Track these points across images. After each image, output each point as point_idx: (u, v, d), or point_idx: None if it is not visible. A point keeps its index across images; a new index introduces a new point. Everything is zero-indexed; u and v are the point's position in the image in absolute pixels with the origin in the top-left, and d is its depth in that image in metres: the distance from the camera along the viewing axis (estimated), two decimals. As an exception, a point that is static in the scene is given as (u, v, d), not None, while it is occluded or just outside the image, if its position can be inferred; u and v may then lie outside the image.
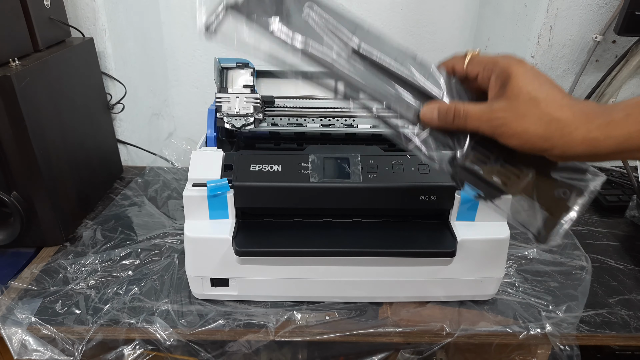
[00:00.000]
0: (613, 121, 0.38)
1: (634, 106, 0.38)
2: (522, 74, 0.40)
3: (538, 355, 0.61)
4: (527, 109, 0.39)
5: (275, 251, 0.58)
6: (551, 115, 0.38)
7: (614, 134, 0.38)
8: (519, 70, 0.40)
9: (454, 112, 0.42)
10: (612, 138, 0.38)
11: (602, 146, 0.38)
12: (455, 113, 0.42)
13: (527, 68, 0.41)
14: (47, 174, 0.70)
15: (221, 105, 0.66)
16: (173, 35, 1.20)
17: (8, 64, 0.65)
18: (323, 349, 0.76)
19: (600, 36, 0.89)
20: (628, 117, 0.37)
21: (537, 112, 0.39)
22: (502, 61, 0.42)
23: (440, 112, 0.43)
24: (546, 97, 0.39)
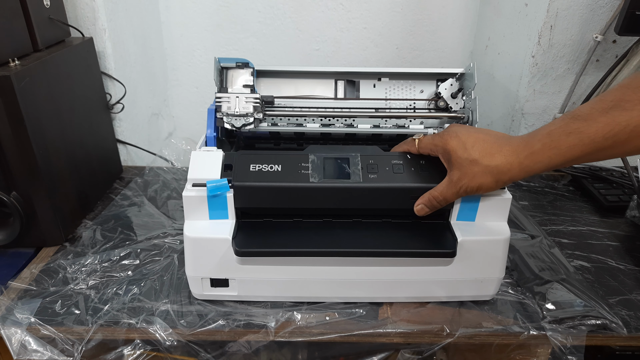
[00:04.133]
0: (534, 152, 0.49)
1: (545, 135, 0.49)
2: (455, 146, 0.53)
3: (538, 355, 0.61)
4: (473, 171, 0.52)
5: (275, 251, 0.58)
6: (490, 166, 0.51)
7: (539, 160, 0.49)
8: (453, 145, 0.53)
9: (435, 200, 0.55)
10: (539, 163, 0.49)
11: (535, 169, 0.50)
12: (436, 199, 0.55)
13: (459, 139, 0.53)
14: (47, 174, 0.69)
15: (221, 105, 0.66)
16: (173, 35, 1.20)
17: (8, 63, 0.65)
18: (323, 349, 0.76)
19: (600, 36, 0.89)
20: (544, 147, 0.49)
21: (480, 169, 0.51)
22: (440, 142, 0.55)
23: (427, 204, 0.56)
24: (480, 155, 0.51)
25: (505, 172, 0.50)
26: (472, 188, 0.52)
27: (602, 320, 0.59)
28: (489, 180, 0.51)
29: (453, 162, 0.53)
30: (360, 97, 0.73)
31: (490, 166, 0.51)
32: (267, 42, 1.22)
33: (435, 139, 0.56)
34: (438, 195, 0.55)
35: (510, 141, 0.51)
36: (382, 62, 1.25)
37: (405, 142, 0.60)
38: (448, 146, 0.53)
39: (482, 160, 0.51)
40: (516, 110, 1.00)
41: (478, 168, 0.51)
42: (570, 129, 0.48)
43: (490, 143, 0.52)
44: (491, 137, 0.52)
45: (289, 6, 1.17)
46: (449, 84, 0.71)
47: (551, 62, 0.93)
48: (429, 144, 0.57)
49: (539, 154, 0.49)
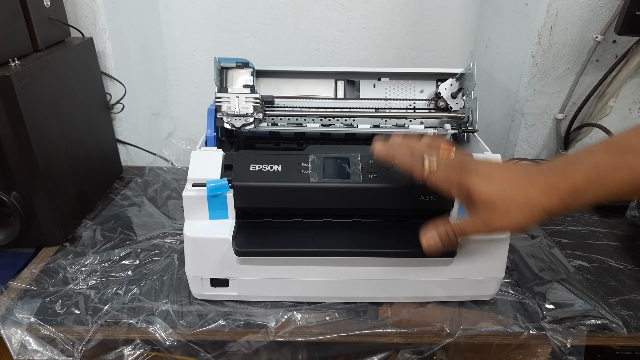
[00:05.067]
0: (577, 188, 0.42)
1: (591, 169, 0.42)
2: (477, 183, 0.45)
3: (538, 355, 0.61)
4: (507, 207, 0.44)
5: (275, 251, 0.58)
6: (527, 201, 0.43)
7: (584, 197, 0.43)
8: (474, 182, 0.45)
9: (453, 232, 0.47)
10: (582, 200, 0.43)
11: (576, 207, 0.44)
12: (456, 233, 0.47)
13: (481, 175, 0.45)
14: (47, 174, 0.69)
15: (221, 105, 0.66)
16: (173, 35, 1.20)
17: (8, 63, 0.65)
18: (323, 349, 0.76)
19: (600, 36, 0.89)
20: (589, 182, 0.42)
21: (515, 205, 0.43)
22: (456, 178, 0.46)
23: (441, 237, 0.47)
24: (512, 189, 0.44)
25: (545, 208, 0.43)
26: (507, 227, 0.44)
27: (602, 320, 0.59)
28: (527, 218, 0.43)
29: (476, 201, 0.45)
30: (360, 97, 0.73)
31: (526, 201, 0.43)
32: (267, 42, 1.22)
33: (450, 172, 0.47)
34: (459, 231, 0.47)
35: (543, 172, 0.44)
36: (382, 62, 1.24)
37: (412, 156, 0.50)
38: (467, 182, 0.45)
39: (516, 195, 0.43)
40: (516, 110, 1.00)
41: (513, 204, 0.43)
42: (620, 164, 0.42)
43: (519, 175, 0.45)
44: (518, 169, 0.46)
45: (289, 6, 1.17)
46: (449, 84, 0.71)
47: (551, 62, 0.93)
48: (441, 175, 0.48)
49: (584, 190, 0.42)
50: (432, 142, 0.53)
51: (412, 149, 0.51)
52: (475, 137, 0.68)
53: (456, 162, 0.48)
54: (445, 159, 0.49)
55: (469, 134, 0.70)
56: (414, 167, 0.49)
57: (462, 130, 0.69)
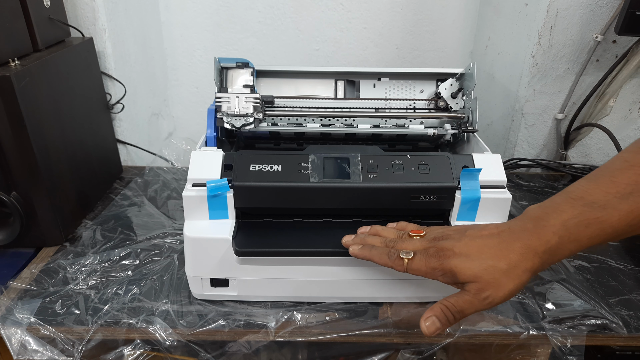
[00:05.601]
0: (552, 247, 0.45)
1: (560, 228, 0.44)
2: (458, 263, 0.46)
3: (538, 355, 0.61)
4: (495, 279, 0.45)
5: (275, 251, 0.58)
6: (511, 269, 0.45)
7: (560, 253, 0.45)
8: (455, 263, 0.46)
9: (451, 312, 0.47)
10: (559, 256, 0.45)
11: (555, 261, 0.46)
12: (452, 312, 0.47)
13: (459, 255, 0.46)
14: (47, 174, 0.69)
15: (221, 105, 0.66)
16: (173, 35, 1.20)
17: (8, 63, 0.65)
18: (323, 349, 0.76)
19: (600, 36, 0.89)
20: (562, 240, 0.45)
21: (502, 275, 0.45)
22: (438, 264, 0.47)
23: (440, 320, 0.47)
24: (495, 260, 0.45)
25: (529, 269, 0.45)
26: (500, 298, 0.45)
27: (602, 320, 0.59)
28: (516, 284, 0.45)
29: (464, 280, 0.46)
30: (360, 97, 0.73)
31: (510, 268, 0.45)
32: (267, 42, 1.22)
33: (430, 261, 0.48)
34: (454, 308, 0.47)
35: (516, 236, 0.46)
36: (382, 62, 1.25)
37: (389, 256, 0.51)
38: (449, 265, 0.46)
39: (499, 265, 0.45)
40: (516, 110, 1.00)
41: (499, 274, 0.45)
42: (588, 220, 0.44)
43: (495, 245, 0.46)
44: (492, 239, 0.47)
45: (289, 6, 1.17)
46: (449, 84, 0.71)
47: (551, 62, 0.93)
48: (422, 267, 0.48)
49: (558, 248, 0.45)
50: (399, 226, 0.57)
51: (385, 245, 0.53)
52: (475, 137, 0.68)
53: (431, 247, 0.49)
54: (419, 245, 0.50)
55: (469, 134, 0.70)
56: (393, 265, 0.50)
57: (462, 130, 0.69)
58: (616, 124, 0.99)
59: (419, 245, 0.51)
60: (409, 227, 0.56)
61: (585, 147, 1.03)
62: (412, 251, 0.49)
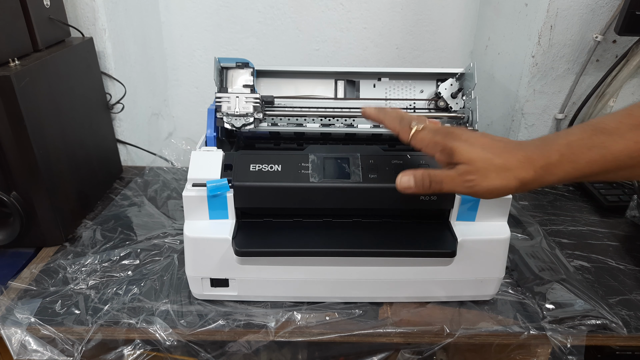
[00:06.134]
0: (551, 163, 0.44)
1: (564, 146, 0.44)
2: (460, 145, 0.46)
3: (538, 355, 0.61)
4: (485, 168, 0.45)
5: (275, 251, 0.58)
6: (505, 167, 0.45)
7: (555, 173, 0.45)
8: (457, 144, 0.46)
9: (429, 179, 0.48)
10: (554, 175, 0.45)
11: (549, 181, 0.45)
12: (432, 179, 0.48)
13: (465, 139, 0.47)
14: (47, 174, 0.69)
15: (221, 105, 0.66)
16: (173, 35, 1.20)
17: (8, 63, 0.65)
18: (323, 349, 0.76)
19: (600, 36, 0.89)
20: (562, 158, 0.44)
21: (493, 168, 0.45)
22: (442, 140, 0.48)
23: (416, 180, 0.49)
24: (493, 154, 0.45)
25: (520, 178, 0.45)
26: (482, 188, 0.46)
27: (602, 320, 0.59)
28: (502, 182, 0.45)
29: (458, 161, 0.47)
30: (360, 97, 0.73)
31: (504, 167, 0.45)
32: (267, 42, 1.22)
33: (435, 136, 0.49)
34: (436, 176, 0.48)
35: (523, 147, 0.46)
36: (382, 62, 1.24)
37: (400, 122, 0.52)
38: (450, 144, 0.47)
39: (495, 160, 0.45)
40: (516, 110, 1.00)
41: (491, 167, 0.45)
42: (592, 143, 0.43)
43: (500, 147, 0.46)
44: (500, 142, 0.47)
45: (289, 6, 1.17)
46: (449, 84, 0.71)
47: (551, 62, 0.93)
48: (426, 139, 0.49)
49: (556, 166, 0.44)
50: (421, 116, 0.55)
51: (401, 116, 0.53)
52: (475, 137, 0.68)
53: (443, 128, 0.50)
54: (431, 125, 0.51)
55: (469, 134, 0.70)
56: (400, 130, 0.51)
57: (462, 130, 0.69)
58: (616, 124, 0.98)
59: (432, 125, 0.51)
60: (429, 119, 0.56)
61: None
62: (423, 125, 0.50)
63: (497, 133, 1.09)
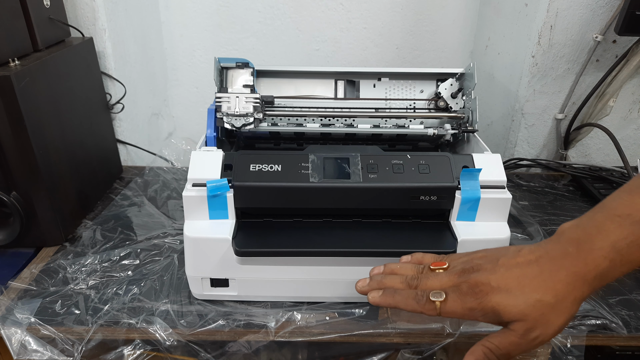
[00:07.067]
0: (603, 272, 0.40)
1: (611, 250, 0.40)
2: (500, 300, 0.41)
3: (538, 355, 0.61)
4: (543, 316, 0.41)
5: (275, 251, 0.58)
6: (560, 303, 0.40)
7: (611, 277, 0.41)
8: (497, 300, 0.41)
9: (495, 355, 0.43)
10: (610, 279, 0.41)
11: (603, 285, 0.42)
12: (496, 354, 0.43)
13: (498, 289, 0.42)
14: (47, 174, 0.69)
15: (221, 105, 0.66)
16: (173, 35, 1.20)
17: (8, 63, 0.65)
18: (323, 349, 0.76)
19: (600, 36, 0.89)
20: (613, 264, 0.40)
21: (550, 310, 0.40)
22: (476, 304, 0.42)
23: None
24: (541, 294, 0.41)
25: (578, 299, 0.41)
26: (550, 335, 0.41)
27: (602, 320, 0.59)
28: (566, 318, 0.41)
29: (507, 318, 0.41)
30: (360, 97, 0.73)
31: (558, 302, 0.40)
32: (267, 42, 1.22)
33: (466, 301, 0.43)
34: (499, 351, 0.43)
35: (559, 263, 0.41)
36: (382, 62, 1.25)
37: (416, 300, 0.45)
38: (489, 304, 0.42)
39: (547, 299, 0.40)
40: (516, 110, 1.00)
41: (547, 310, 0.40)
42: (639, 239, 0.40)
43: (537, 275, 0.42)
44: (531, 268, 0.42)
45: (289, 6, 1.17)
46: (449, 84, 0.71)
47: (551, 62, 0.93)
48: (459, 309, 0.43)
49: (609, 271, 0.40)
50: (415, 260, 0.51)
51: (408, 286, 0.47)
52: (475, 137, 0.68)
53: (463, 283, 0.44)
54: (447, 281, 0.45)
55: (469, 134, 0.70)
56: (424, 310, 0.45)
57: (462, 130, 0.69)
58: (616, 124, 0.99)
59: (447, 281, 0.45)
60: (426, 258, 0.51)
61: (585, 147, 1.03)
62: (442, 290, 0.44)
63: (497, 133, 1.09)
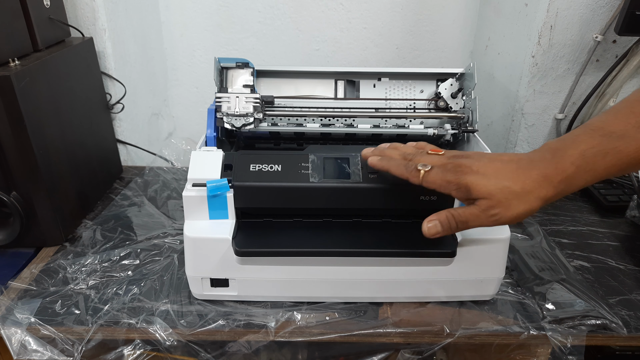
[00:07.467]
0: (568, 176, 0.45)
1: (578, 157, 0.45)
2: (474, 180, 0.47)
3: (538, 355, 0.61)
4: (506, 198, 0.46)
5: (275, 251, 0.58)
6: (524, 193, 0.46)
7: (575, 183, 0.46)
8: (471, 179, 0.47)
9: (455, 220, 0.48)
10: (574, 186, 0.46)
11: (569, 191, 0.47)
12: (457, 219, 0.48)
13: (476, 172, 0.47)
14: (47, 174, 0.69)
15: (221, 105, 0.66)
16: (173, 35, 1.20)
17: (8, 63, 0.65)
18: (323, 349, 0.76)
19: (600, 36, 0.89)
20: (579, 170, 0.45)
21: (514, 196, 0.46)
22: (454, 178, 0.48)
23: (442, 224, 0.49)
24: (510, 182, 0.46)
25: (542, 197, 0.46)
26: (508, 217, 0.46)
27: (602, 320, 0.59)
28: (525, 207, 0.46)
29: (477, 196, 0.47)
30: (360, 97, 0.73)
31: (524, 192, 0.46)
32: (267, 42, 1.22)
33: (446, 174, 0.48)
34: (460, 217, 0.48)
35: (534, 164, 0.47)
36: (382, 62, 1.25)
37: (406, 167, 0.52)
38: (464, 180, 0.47)
39: (514, 188, 0.46)
40: (516, 110, 1.00)
41: (512, 196, 0.46)
42: (606, 149, 0.45)
43: (513, 170, 0.47)
44: (511, 164, 0.48)
45: (289, 6, 1.17)
46: (449, 84, 0.71)
47: (551, 62, 0.93)
48: (438, 179, 0.49)
49: (575, 177, 0.45)
50: (419, 145, 0.56)
51: (403, 158, 0.53)
52: (475, 137, 0.68)
53: (450, 163, 0.50)
54: (437, 160, 0.51)
55: (469, 134, 0.70)
56: (409, 176, 0.51)
57: (462, 130, 0.69)
58: (616, 124, 0.98)
59: (437, 160, 0.51)
60: (428, 146, 0.56)
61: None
62: (430, 165, 0.50)
63: (497, 133, 1.09)
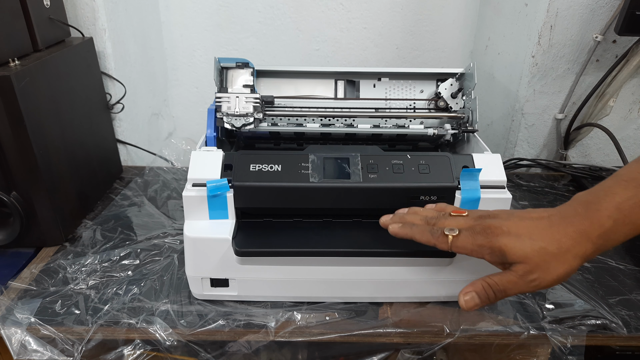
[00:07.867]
0: (606, 231, 0.43)
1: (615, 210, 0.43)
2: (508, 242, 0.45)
3: (538, 355, 0.61)
4: (544, 262, 0.44)
5: (275, 251, 0.58)
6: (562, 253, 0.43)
7: (614, 238, 0.44)
8: (504, 241, 0.45)
9: (492, 290, 0.46)
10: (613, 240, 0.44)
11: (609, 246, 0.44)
12: (494, 289, 0.46)
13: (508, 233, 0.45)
14: (47, 174, 0.69)
15: (221, 105, 0.66)
16: (173, 35, 1.20)
17: (8, 63, 0.65)
18: (323, 349, 0.76)
19: (600, 36, 0.89)
20: (616, 223, 0.43)
21: (552, 258, 0.43)
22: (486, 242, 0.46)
23: (480, 296, 0.46)
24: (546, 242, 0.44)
25: (581, 255, 0.44)
26: (548, 282, 0.44)
27: (602, 320, 0.59)
28: (566, 269, 0.44)
29: (512, 260, 0.45)
30: (360, 97, 0.73)
31: (561, 252, 0.43)
32: (267, 42, 1.22)
33: (476, 238, 0.46)
34: (497, 285, 0.46)
35: (568, 220, 0.45)
36: (382, 62, 1.25)
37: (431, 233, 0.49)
38: (497, 243, 0.45)
39: (550, 247, 0.43)
40: (516, 110, 1.00)
41: (550, 258, 0.43)
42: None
43: (546, 228, 0.45)
44: (542, 221, 0.46)
45: (289, 6, 1.17)
46: (449, 84, 0.71)
47: (551, 62, 0.93)
48: (468, 244, 0.47)
49: (613, 231, 0.43)
50: (439, 207, 0.54)
51: (426, 223, 0.51)
52: (475, 137, 0.68)
53: (478, 225, 0.48)
54: (464, 223, 0.49)
55: (469, 134, 0.70)
56: (437, 242, 0.49)
57: (462, 130, 0.69)
58: (616, 124, 0.99)
59: (464, 223, 0.49)
60: (449, 208, 0.54)
61: (585, 147, 1.03)
62: (457, 228, 0.48)
63: (497, 133, 1.09)
